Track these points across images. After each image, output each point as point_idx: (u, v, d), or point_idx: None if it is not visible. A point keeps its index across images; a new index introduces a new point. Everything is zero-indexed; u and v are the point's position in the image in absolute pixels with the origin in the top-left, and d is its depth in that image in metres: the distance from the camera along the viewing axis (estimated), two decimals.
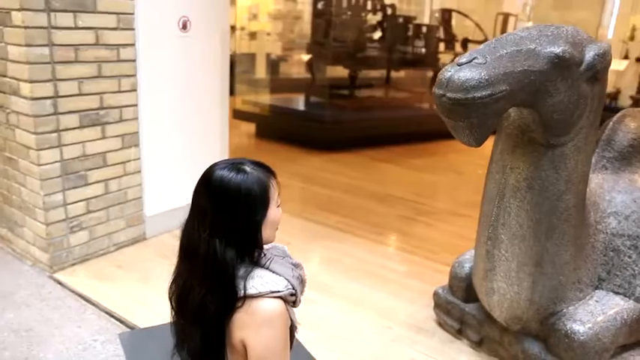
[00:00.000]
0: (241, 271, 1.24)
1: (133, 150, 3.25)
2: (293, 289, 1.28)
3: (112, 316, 2.65)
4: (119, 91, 3.08)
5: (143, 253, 3.35)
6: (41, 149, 2.77)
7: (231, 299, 1.22)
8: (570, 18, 9.38)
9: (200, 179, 1.29)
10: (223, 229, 1.23)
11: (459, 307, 2.57)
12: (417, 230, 4.08)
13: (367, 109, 7.08)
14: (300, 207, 4.31)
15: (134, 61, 3.12)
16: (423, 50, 7.52)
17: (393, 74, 7.86)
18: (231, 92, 4.39)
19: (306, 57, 10.09)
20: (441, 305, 2.68)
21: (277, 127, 6.61)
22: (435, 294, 2.72)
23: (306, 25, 10.36)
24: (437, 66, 7.81)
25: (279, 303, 1.24)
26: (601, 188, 2.27)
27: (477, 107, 1.63)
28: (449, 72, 1.66)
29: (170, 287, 1.36)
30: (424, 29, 7.62)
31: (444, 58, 7.95)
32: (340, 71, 7.24)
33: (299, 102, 7.18)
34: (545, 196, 1.95)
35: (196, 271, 1.26)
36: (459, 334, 2.60)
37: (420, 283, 3.18)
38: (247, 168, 1.26)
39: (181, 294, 1.31)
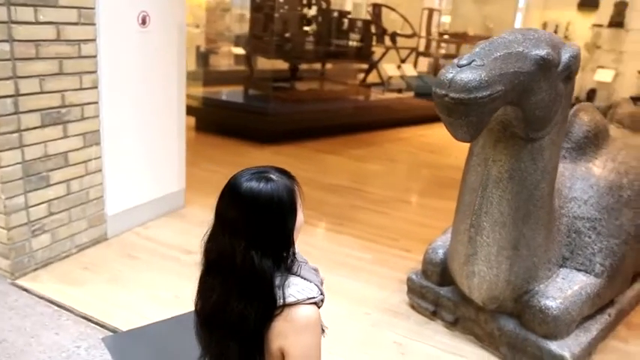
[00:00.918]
0: (277, 280, 1.25)
1: (94, 148, 3.13)
2: (322, 294, 1.32)
3: (90, 321, 2.56)
4: (80, 89, 2.95)
5: (106, 253, 3.24)
6: (2, 150, 2.60)
7: (271, 308, 1.22)
8: (487, 12, 10.02)
9: (226, 192, 1.27)
10: (259, 240, 1.23)
11: (434, 290, 2.74)
12: (371, 218, 4.24)
13: (308, 101, 7.18)
14: None
15: (95, 57, 3.00)
16: (359, 43, 7.72)
17: (331, 67, 8.00)
18: None
19: (236, 50, 10.00)
20: (414, 290, 2.84)
21: (218, 121, 6.53)
22: (409, 279, 2.87)
23: (234, 18, 10.27)
24: (371, 59, 8.05)
25: (315, 309, 1.27)
26: (562, 176, 2.52)
27: (477, 106, 1.78)
28: (450, 73, 1.79)
29: (196, 303, 1.35)
30: (359, 23, 7.81)
31: (378, 51, 8.19)
32: (277, 64, 7.25)
33: (238, 95, 7.11)
34: (524, 186, 2.15)
35: (232, 285, 1.25)
36: (433, 315, 2.77)
37: (386, 269, 3.34)
38: (273, 176, 1.26)
39: (215, 309, 1.29)
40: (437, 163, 6.52)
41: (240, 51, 9.85)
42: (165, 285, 2.92)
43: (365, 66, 8.13)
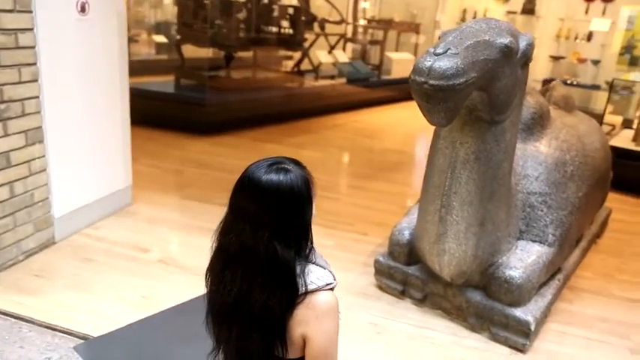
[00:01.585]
0: (297, 269, 1.26)
1: (38, 147, 2.93)
2: (335, 279, 1.35)
3: (56, 330, 2.42)
4: (20, 82, 2.74)
5: (57, 258, 3.05)
6: None
7: (294, 297, 1.24)
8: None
9: (245, 186, 1.26)
10: (281, 231, 1.24)
11: (402, 270, 2.85)
12: (324, 205, 4.23)
13: (245, 90, 7.06)
14: (208, 193, 4.25)
15: (34, 47, 2.79)
16: (291, 30, 7.68)
17: (265, 54, 7.90)
18: None
19: (158, 37, 9.60)
20: (382, 271, 2.94)
21: (151, 113, 6.24)
22: (376, 261, 2.96)
23: (153, 4, 9.85)
24: (303, 46, 8.04)
25: (334, 294, 1.30)
26: (515, 155, 2.69)
27: (454, 92, 1.87)
28: (428, 61, 1.87)
29: (212, 298, 1.33)
30: (290, 10, 7.76)
31: (309, 37, 8.19)
32: (209, 52, 7.06)
33: (169, 85, 6.85)
34: (488, 166, 2.29)
35: (254, 276, 1.25)
36: (402, 294, 2.89)
37: (348, 254, 3.42)
38: (290, 167, 1.27)
39: (236, 302, 1.28)
40: (374, 148, 6.69)
41: (162, 39, 9.49)
42: (130, 286, 2.81)
43: (298, 53, 8.11)
